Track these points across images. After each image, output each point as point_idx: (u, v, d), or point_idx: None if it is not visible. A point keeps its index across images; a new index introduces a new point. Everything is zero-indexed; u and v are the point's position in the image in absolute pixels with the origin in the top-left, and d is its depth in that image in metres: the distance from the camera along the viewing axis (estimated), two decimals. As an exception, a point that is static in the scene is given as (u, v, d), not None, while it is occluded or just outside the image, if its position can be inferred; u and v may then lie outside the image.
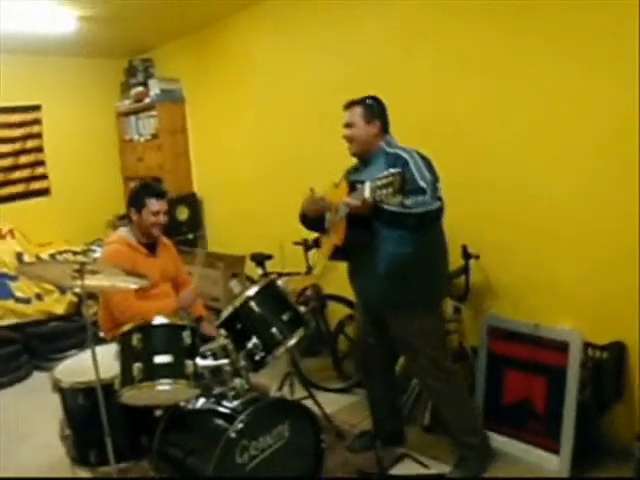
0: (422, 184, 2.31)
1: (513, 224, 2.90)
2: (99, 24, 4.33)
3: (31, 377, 4.25)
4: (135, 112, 5.39)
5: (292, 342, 2.37)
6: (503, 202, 2.92)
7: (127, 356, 2.15)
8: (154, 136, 5.19)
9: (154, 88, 5.11)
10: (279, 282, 2.56)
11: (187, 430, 2.34)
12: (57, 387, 2.33)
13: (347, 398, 3.45)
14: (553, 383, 2.66)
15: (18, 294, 4.38)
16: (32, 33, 4.30)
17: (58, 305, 4.45)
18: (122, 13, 4.12)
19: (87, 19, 4.17)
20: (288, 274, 3.73)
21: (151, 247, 2.90)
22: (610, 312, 2.63)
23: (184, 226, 4.99)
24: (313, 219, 2.69)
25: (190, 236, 5.01)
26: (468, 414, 2.66)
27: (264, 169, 4.44)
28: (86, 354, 2.26)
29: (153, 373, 2.10)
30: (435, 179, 2.37)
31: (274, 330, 2.34)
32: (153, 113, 5.15)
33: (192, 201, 5.12)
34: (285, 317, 2.40)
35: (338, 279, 3.85)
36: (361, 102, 2.56)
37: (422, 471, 2.64)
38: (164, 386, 2.10)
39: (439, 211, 2.31)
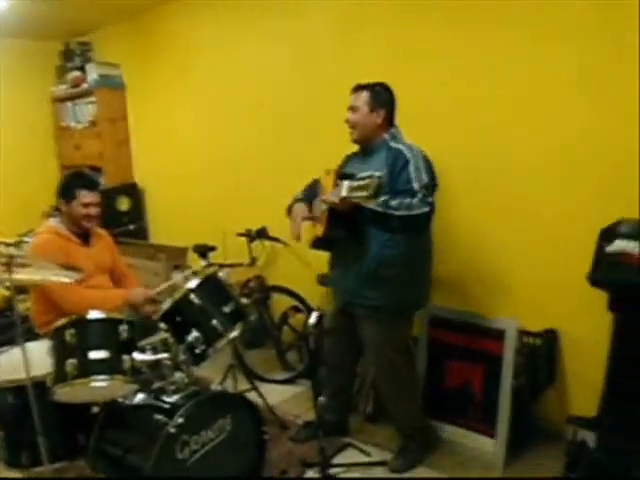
0: (415, 186, 2.28)
1: (456, 214, 2.95)
2: (32, 2, 4.12)
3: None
4: (72, 98, 5.16)
5: (234, 334, 2.35)
6: (448, 190, 2.95)
7: (60, 352, 2.08)
8: (92, 123, 5.00)
9: (92, 73, 4.91)
10: (221, 273, 2.52)
11: (125, 427, 2.29)
12: (-15, 386, 2.23)
13: (291, 389, 3.46)
14: (490, 370, 2.75)
15: (-55, 288, 4.15)
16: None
17: (-11, 299, 4.24)
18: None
19: (17, -3, 3.97)
20: (231, 265, 3.68)
21: (84, 237, 2.80)
22: (544, 300, 2.73)
23: (125, 217, 4.85)
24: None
25: (131, 227, 4.86)
26: (414, 404, 2.71)
27: (207, 159, 4.36)
28: (16, 351, 2.17)
29: (88, 369, 2.04)
30: (432, 184, 2.34)
31: (215, 322, 2.31)
32: (91, 99, 4.96)
33: (133, 191, 4.98)
34: (227, 309, 2.37)
35: (282, 270, 3.86)
36: (369, 87, 2.48)
37: (365, 459, 2.68)
38: (99, 382, 2.05)
39: (425, 216, 2.27)
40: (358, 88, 2.51)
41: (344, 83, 3.06)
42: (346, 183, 2.11)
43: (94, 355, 2.06)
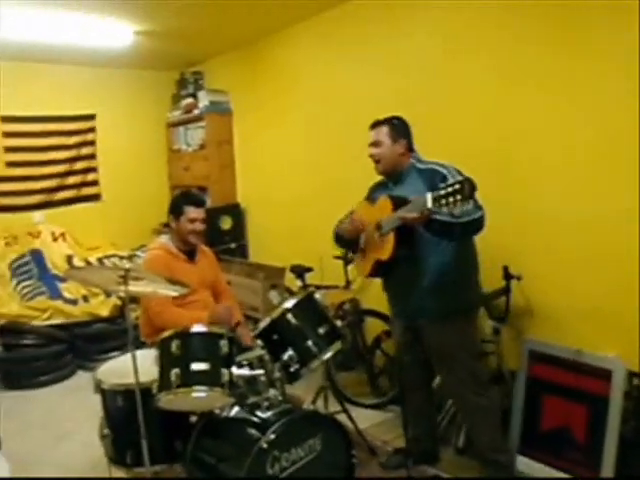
0: None
1: (557, 246, 2.84)
2: (154, 38, 4.50)
3: (75, 376, 4.40)
4: (184, 123, 5.54)
5: (327, 356, 2.38)
6: (548, 224, 2.86)
7: (166, 361, 2.21)
8: (201, 146, 5.32)
9: (203, 100, 5.25)
10: (317, 295, 2.57)
11: (220, 437, 2.37)
12: (98, 388, 2.41)
13: (381, 414, 3.43)
14: (594, 412, 2.58)
15: (66, 295, 4.55)
16: (91, 46, 4.50)
17: (103, 307, 4.59)
18: (176, 28, 4.28)
19: (143, 33, 4.34)
20: (327, 287, 3.74)
21: (190, 254, 2.98)
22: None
23: (227, 235, 5.08)
24: (348, 240, 2.75)
25: (232, 245, 5.08)
26: (498, 433, 2.62)
27: (308, 183, 4.48)
28: (128, 357, 2.32)
29: (190, 379, 2.14)
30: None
31: (310, 343, 2.35)
32: (201, 124, 5.29)
33: (236, 211, 5.21)
34: (322, 330, 2.40)
35: (376, 294, 3.86)
36: (387, 122, 2.61)
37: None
38: (200, 393, 2.14)
39: (482, 220, 2.34)
40: (376, 124, 2.64)
41: (447, 108, 3.07)
42: (430, 195, 2.11)
43: (196, 367, 2.16)
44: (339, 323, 2.59)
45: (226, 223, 5.10)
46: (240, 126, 5.28)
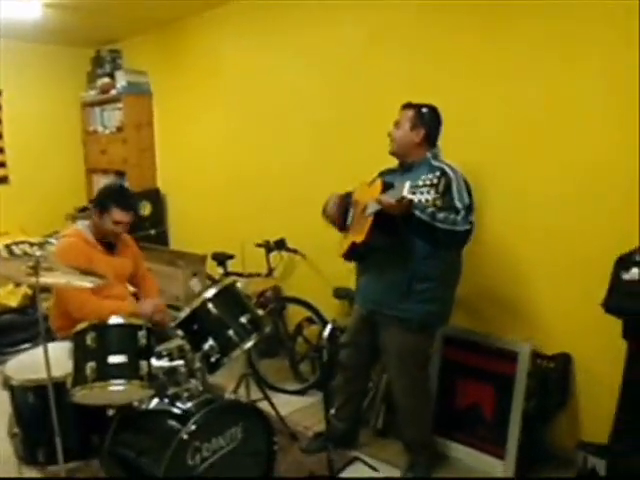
0: (458, 204, 2.31)
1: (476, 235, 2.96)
2: (67, 12, 4.25)
3: (-20, 370, 4.14)
4: (100, 103, 5.30)
5: (249, 345, 2.38)
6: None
7: (81, 355, 2.13)
8: (119, 129, 5.12)
9: (121, 80, 5.04)
10: (238, 284, 2.56)
11: (139, 430, 2.33)
12: (7, 384, 2.29)
13: (302, 400, 3.48)
14: (501, 391, 2.75)
15: (-30, 284, 4.27)
16: (-4, 17, 4.19)
17: (12, 297, 4.34)
18: (90, 2, 4.06)
19: (54, 6, 4.09)
20: (249, 275, 3.74)
21: (108, 245, 2.86)
22: (559, 324, 2.73)
23: (146, 221, 4.93)
24: (329, 214, 2.68)
25: (152, 232, 4.95)
26: (427, 420, 2.73)
27: (230, 169, 4.44)
28: (38, 350, 2.22)
29: (106, 373, 2.09)
30: (471, 205, 2.36)
31: (231, 332, 2.34)
32: (119, 105, 5.08)
33: (155, 197, 5.07)
34: (243, 319, 2.40)
35: (298, 282, 3.90)
36: (415, 106, 2.55)
37: (372, 474, 2.69)
38: (117, 386, 2.09)
39: (467, 234, 2.31)
40: (406, 106, 2.57)
41: (371, 95, 3.09)
42: (408, 183, 2.09)
43: (113, 359, 2.10)
44: (260, 311, 2.58)
45: (145, 209, 4.94)
46: (160, 109, 5.12)
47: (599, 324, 2.42)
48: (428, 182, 2.05)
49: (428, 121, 2.53)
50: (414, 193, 2.07)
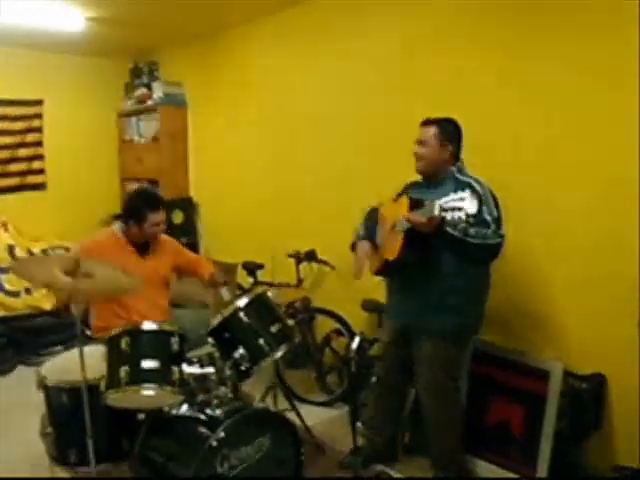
0: (488, 218, 2.31)
1: (506, 248, 2.93)
2: (107, 25, 4.38)
3: (15, 371, 4.23)
4: (137, 113, 5.41)
5: (279, 354, 2.40)
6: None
7: (114, 359, 2.18)
8: (154, 139, 5.22)
9: (157, 91, 5.15)
10: (269, 293, 2.59)
11: (169, 436, 2.35)
12: (42, 384, 2.34)
13: (329, 412, 3.47)
14: (532, 410, 2.70)
15: (8, 287, 4.38)
16: (41, 29, 4.33)
17: (46, 300, 4.45)
18: (130, 16, 4.18)
19: (95, 20, 4.22)
20: (279, 285, 3.76)
21: (142, 248, 2.91)
22: (593, 344, 2.68)
23: (178, 230, 4.99)
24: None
25: (183, 240, 4.99)
26: (455, 435, 2.68)
27: (262, 180, 4.48)
28: (73, 353, 2.28)
29: (139, 377, 2.13)
30: (500, 217, 2.36)
31: (261, 342, 2.36)
32: (155, 116, 5.18)
33: (188, 205, 5.14)
34: (273, 329, 2.42)
35: (327, 293, 3.91)
36: (438, 122, 2.51)
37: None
38: (149, 391, 2.13)
39: (499, 247, 2.31)
40: (427, 122, 2.53)
41: (406, 108, 3.08)
42: (437, 202, 2.10)
43: (146, 364, 2.15)
44: (290, 321, 2.60)
45: (178, 217, 5.02)
46: (195, 120, 5.21)
47: (635, 344, 2.37)
48: (457, 198, 2.07)
49: (453, 136, 2.52)
50: (445, 210, 2.08)
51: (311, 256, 3.78)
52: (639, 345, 2.33)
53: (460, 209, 2.07)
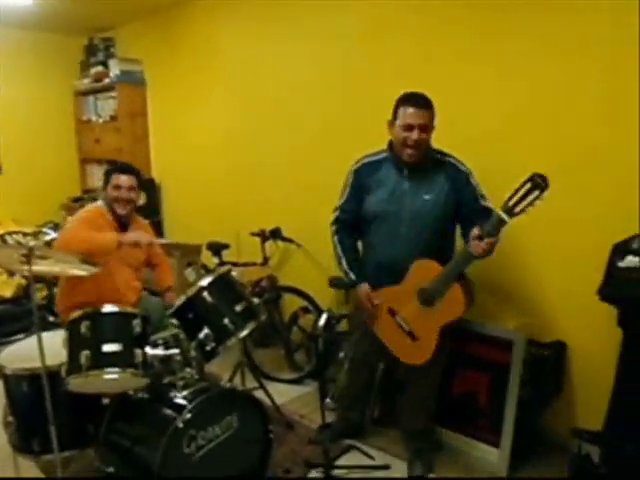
0: (484, 204, 2.31)
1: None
2: (57, -1, 4.20)
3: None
4: (94, 92, 5.25)
5: (244, 333, 2.38)
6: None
7: (75, 343, 2.13)
8: (113, 118, 5.08)
9: (114, 69, 4.99)
10: (234, 272, 2.56)
11: (134, 419, 2.32)
12: (1, 373, 2.28)
13: (298, 389, 3.49)
14: (497, 380, 2.75)
15: (-35, 275, 4.25)
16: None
17: (6, 288, 4.33)
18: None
19: (45, -7, 4.05)
20: (244, 264, 3.73)
21: (122, 225, 2.90)
22: (554, 312, 2.74)
23: (141, 212, 4.87)
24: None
25: (146, 222, 4.91)
26: (432, 405, 2.72)
27: (224, 159, 4.41)
28: (32, 340, 2.22)
29: (101, 361, 2.08)
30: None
31: (226, 321, 2.34)
32: (113, 94, 5.03)
33: (150, 186, 5.03)
34: (238, 308, 2.40)
35: (293, 271, 3.90)
36: (431, 102, 2.28)
37: (368, 462, 2.70)
38: (112, 375, 2.09)
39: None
40: (428, 105, 2.27)
41: (373, 87, 3.05)
42: (505, 215, 2.06)
43: (108, 348, 2.10)
44: (256, 300, 2.58)
45: (140, 198, 4.90)
46: (155, 99, 5.07)
47: (594, 312, 2.43)
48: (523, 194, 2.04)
49: None
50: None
51: (276, 234, 3.75)
52: (597, 313, 2.38)
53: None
